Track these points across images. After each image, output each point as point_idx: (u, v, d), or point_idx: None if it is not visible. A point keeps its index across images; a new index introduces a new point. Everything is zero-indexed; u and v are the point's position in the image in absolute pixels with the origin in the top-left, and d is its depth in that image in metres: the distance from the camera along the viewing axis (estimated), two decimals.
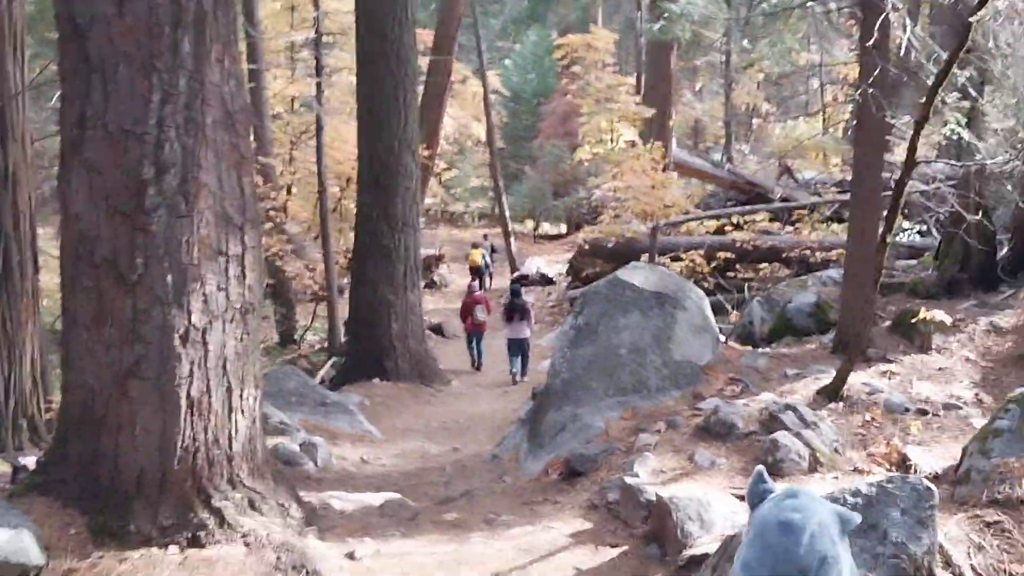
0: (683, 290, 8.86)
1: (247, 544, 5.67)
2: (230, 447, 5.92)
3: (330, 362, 15.79)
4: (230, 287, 5.77)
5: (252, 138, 17.82)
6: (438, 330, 19.28)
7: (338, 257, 18.12)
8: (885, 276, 8.98)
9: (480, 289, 24.51)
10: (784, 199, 19.15)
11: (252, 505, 6.03)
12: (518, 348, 14.77)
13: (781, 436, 6.70)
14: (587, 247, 20.14)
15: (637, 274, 8.92)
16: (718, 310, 10.18)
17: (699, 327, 8.65)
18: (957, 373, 8.11)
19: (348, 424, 10.84)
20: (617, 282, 8.82)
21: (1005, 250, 10.86)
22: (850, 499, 4.86)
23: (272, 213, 17.24)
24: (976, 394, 7.68)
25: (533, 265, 27.37)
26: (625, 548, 5.93)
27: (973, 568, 4.80)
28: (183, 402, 5.59)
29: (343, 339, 15.93)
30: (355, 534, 6.63)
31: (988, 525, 5.14)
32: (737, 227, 17.06)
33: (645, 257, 15.64)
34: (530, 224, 37.88)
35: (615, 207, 19.84)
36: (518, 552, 6.05)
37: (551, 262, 28.33)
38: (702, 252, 16.61)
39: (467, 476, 8.68)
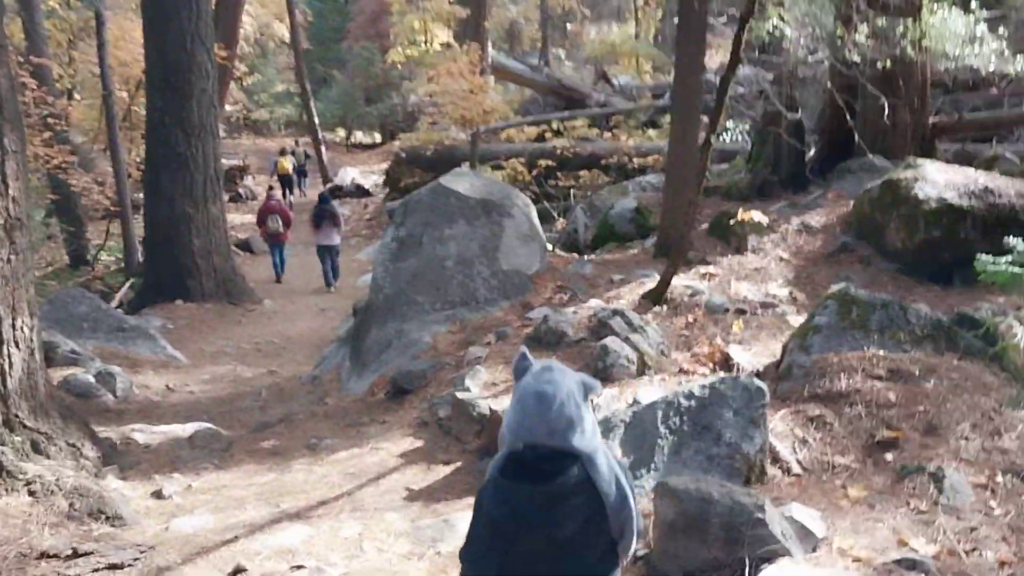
0: (509, 197, 8.57)
1: (32, 493, 5.08)
2: (4, 384, 5.28)
3: (128, 283, 14.63)
4: None
5: (23, 36, 16.06)
6: (245, 246, 18.21)
7: (131, 169, 16.67)
8: None
9: (289, 197, 23.76)
10: (601, 104, 19.21)
11: (36, 448, 5.46)
12: (327, 254, 14.65)
13: (611, 341, 6.64)
14: (404, 156, 19.50)
15: (461, 181, 8.52)
16: (544, 218, 10.00)
17: (526, 235, 8.42)
18: (772, 272, 8.35)
19: (150, 350, 10.09)
20: (441, 190, 8.39)
21: (813, 152, 11.28)
22: (684, 402, 4.81)
23: (52, 121, 15.47)
24: (790, 292, 7.93)
25: (347, 175, 26.37)
26: (458, 464, 5.73)
27: (799, 462, 4.90)
28: None
29: (141, 258, 14.71)
30: (162, 470, 6.17)
31: (811, 419, 5.25)
32: (557, 133, 16.94)
33: (466, 165, 15.25)
34: (341, 132, 36.44)
35: (432, 113, 19.21)
36: (345, 477, 5.74)
37: (366, 172, 27.43)
38: (523, 160, 16.42)
39: (285, 400, 8.21)
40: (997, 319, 5.86)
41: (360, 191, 25.33)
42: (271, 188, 18.72)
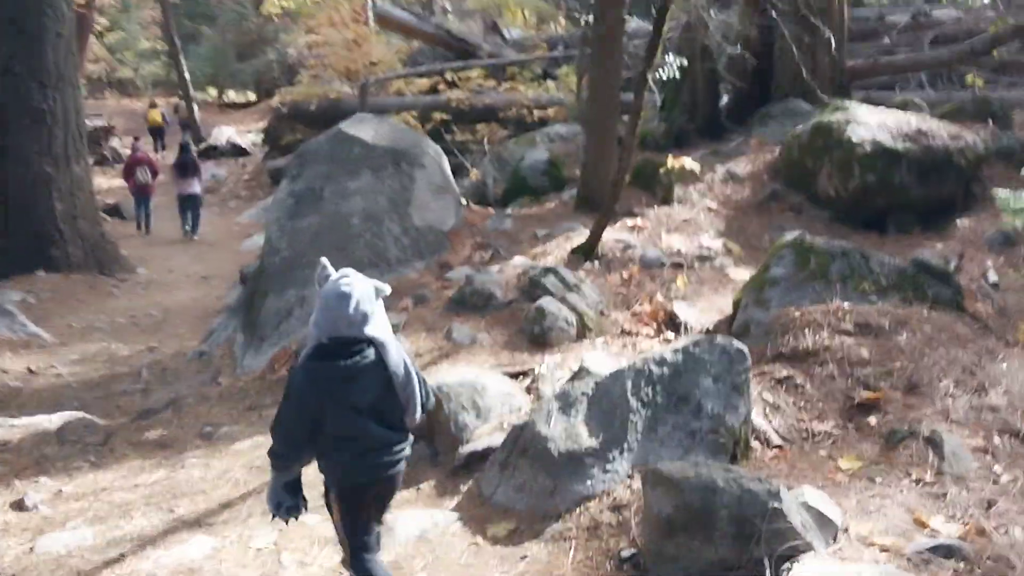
0: (419, 146, 7.73)
1: None
2: None
3: None
4: None
5: None
6: (115, 211, 16.70)
7: None
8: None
9: (161, 149, 22.68)
10: (492, 56, 18.40)
11: None
12: (189, 204, 14.82)
13: (547, 303, 6.01)
14: (285, 111, 18.20)
15: (365, 127, 7.61)
16: (455, 170, 9.15)
17: (440, 187, 7.62)
18: (702, 223, 7.87)
19: (6, 327, 9.02)
20: (342, 137, 7.47)
21: (727, 99, 10.87)
22: (655, 369, 4.20)
23: None
24: (724, 243, 7.47)
25: (222, 135, 24.77)
26: None
27: (776, 431, 4.37)
28: None
29: None
30: (24, 473, 5.24)
31: (779, 382, 4.75)
32: (451, 85, 16.07)
33: None
34: (213, 92, 34.36)
35: (314, 65, 17.98)
36: (250, 472, 4.95)
37: (242, 131, 25.91)
38: (415, 113, 15.50)
39: (170, 381, 7.28)
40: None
41: (237, 150, 23.85)
42: (136, 139, 17.77)
